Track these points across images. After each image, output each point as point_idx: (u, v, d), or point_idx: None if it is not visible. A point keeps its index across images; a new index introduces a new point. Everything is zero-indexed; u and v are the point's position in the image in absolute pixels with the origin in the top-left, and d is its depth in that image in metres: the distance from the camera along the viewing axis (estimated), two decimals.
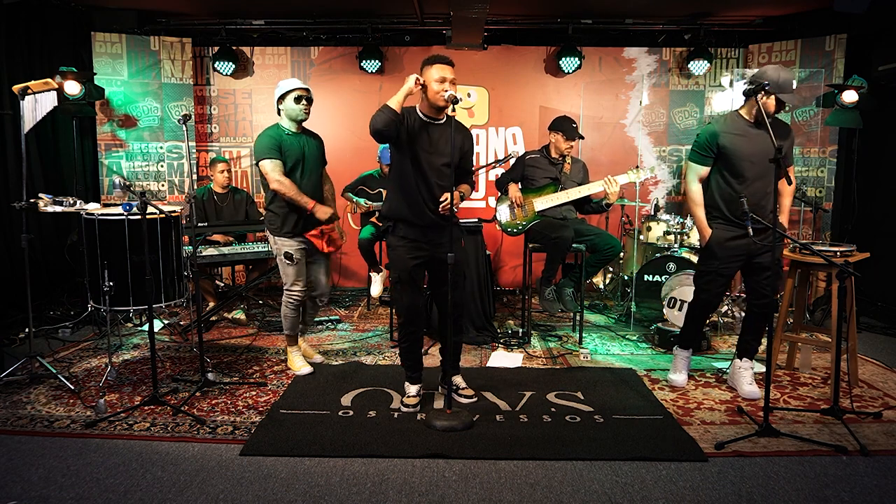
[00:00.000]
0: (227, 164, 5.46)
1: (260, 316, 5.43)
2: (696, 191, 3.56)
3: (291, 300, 3.85)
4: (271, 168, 3.66)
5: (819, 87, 5.72)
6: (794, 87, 3.33)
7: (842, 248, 3.63)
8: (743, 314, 4.90)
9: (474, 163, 3.51)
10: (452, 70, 3.20)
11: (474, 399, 3.51)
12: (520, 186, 4.72)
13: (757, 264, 3.51)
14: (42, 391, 3.60)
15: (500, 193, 4.80)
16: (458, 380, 3.56)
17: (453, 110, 3.10)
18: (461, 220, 3.95)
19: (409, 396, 3.43)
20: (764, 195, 3.43)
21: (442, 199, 3.20)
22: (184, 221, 4.05)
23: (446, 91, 3.13)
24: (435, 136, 3.25)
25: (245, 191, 5.85)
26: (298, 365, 3.96)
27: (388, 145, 5.47)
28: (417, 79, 3.11)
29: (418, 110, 3.30)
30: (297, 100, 3.72)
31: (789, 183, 3.26)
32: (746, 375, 3.63)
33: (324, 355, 4.33)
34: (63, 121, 5.54)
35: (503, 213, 4.71)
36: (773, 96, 3.30)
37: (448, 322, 3.34)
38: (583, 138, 4.65)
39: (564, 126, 4.56)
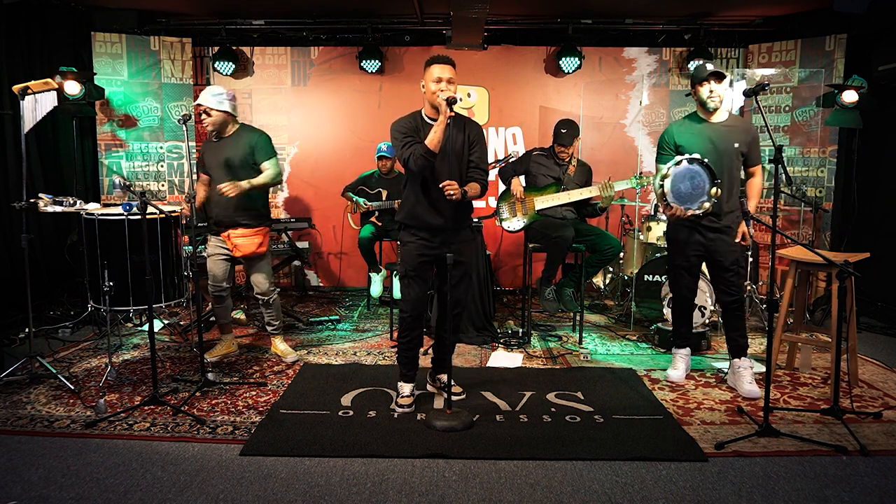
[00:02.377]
0: None
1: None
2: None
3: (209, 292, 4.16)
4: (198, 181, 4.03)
5: (819, 87, 5.72)
6: (709, 67, 3.51)
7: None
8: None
9: (487, 158, 3.46)
10: (452, 69, 3.17)
11: (463, 396, 3.55)
12: (523, 182, 4.73)
13: (718, 262, 3.64)
14: (42, 391, 3.60)
15: (502, 186, 4.81)
16: (445, 378, 3.55)
17: (451, 111, 3.08)
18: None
19: (403, 397, 3.42)
20: (727, 191, 3.55)
21: (444, 185, 3.07)
22: (184, 221, 4.05)
23: (443, 91, 3.10)
24: (443, 139, 3.23)
25: None
26: (219, 350, 4.27)
27: (387, 143, 5.53)
28: (446, 101, 3.06)
29: (424, 114, 3.29)
30: (198, 115, 3.96)
31: (788, 183, 3.29)
32: (746, 375, 3.63)
33: (324, 355, 4.34)
34: (63, 121, 5.54)
35: (503, 210, 4.71)
36: (700, 87, 3.52)
37: (448, 320, 3.34)
38: (569, 144, 4.58)
39: (556, 132, 4.61)
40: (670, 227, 3.77)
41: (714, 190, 3.41)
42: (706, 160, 3.44)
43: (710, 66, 3.51)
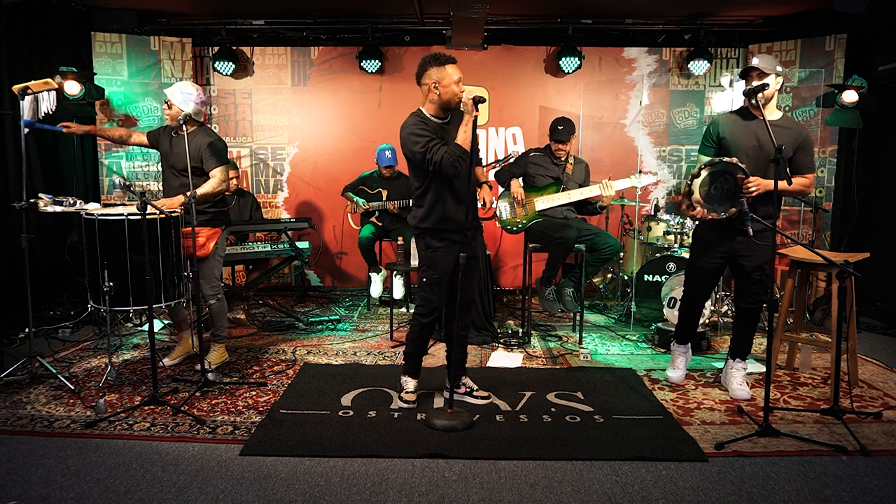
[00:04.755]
0: (236, 171, 5.48)
1: (260, 316, 5.43)
2: None
3: None
4: None
5: (819, 87, 5.72)
6: (765, 64, 3.33)
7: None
8: None
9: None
10: None
11: (489, 399, 3.50)
12: (521, 183, 4.73)
13: (741, 266, 3.49)
14: (42, 391, 3.60)
15: (500, 189, 4.81)
16: (468, 381, 3.56)
17: (477, 109, 3.05)
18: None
19: (407, 392, 3.42)
20: (764, 194, 3.30)
21: (480, 202, 3.33)
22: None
23: (463, 92, 3.10)
24: (452, 136, 3.16)
25: (250, 192, 5.88)
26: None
27: (386, 146, 5.54)
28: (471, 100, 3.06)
29: (430, 115, 3.20)
30: None
31: (789, 184, 3.20)
32: (738, 377, 3.62)
33: (324, 355, 4.34)
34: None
35: (503, 211, 4.71)
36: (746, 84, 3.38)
37: (464, 321, 3.40)
38: (566, 141, 4.59)
39: (552, 129, 4.61)
40: (698, 224, 3.63)
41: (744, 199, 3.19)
42: (741, 163, 3.25)
43: (754, 62, 3.33)
